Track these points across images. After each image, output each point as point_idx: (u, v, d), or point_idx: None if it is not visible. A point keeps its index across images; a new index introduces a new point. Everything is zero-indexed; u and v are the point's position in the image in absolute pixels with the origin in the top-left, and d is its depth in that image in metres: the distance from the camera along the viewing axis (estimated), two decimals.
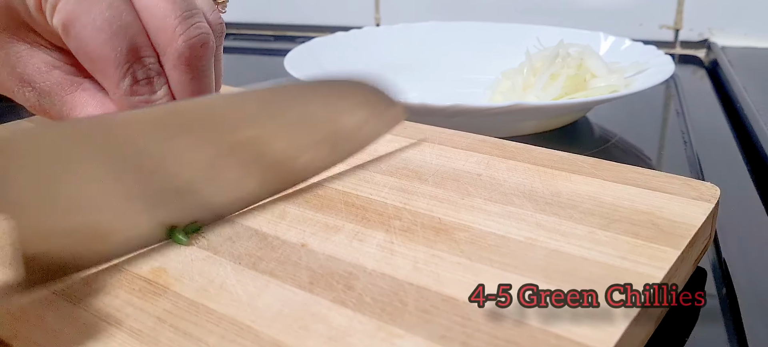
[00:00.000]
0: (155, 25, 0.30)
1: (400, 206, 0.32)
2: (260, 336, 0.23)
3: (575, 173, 0.34)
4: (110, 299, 0.26)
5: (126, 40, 0.29)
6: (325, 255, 0.28)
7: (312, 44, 0.67)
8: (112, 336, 0.24)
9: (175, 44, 0.30)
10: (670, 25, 0.81)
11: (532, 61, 0.57)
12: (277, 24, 0.98)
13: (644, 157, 0.52)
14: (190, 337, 0.23)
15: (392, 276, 0.26)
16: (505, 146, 0.38)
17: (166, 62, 0.31)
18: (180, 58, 0.30)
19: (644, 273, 0.25)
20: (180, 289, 0.26)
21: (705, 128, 0.55)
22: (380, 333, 0.23)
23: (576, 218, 0.30)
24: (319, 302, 0.25)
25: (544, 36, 0.64)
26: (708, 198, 0.31)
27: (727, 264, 0.34)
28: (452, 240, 0.29)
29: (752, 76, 0.65)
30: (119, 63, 0.29)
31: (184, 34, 0.30)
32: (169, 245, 0.29)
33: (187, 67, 0.30)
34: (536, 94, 0.55)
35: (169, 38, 0.30)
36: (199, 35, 0.30)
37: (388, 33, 0.74)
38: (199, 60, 0.31)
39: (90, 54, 0.30)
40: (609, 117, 0.58)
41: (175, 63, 0.30)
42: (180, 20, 0.30)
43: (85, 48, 0.29)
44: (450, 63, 0.70)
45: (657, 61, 0.57)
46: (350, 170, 0.36)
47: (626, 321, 0.23)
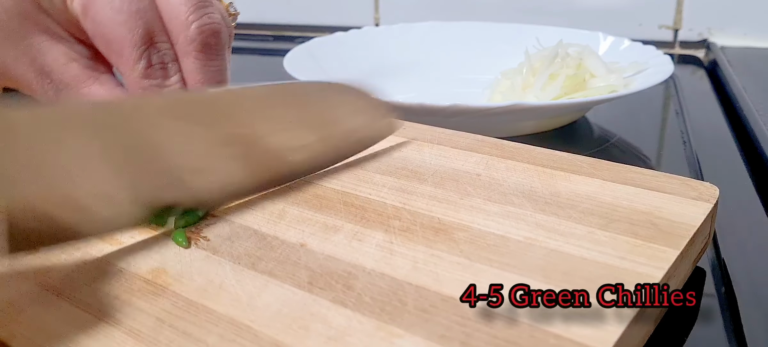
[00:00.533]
0: (170, 12, 0.31)
1: (400, 206, 0.32)
2: (259, 336, 0.23)
3: (574, 173, 0.34)
4: (109, 299, 0.26)
5: (142, 23, 0.30)
6: (324, 255, 0.28)
7: (311, 44, 0.67)
8: (111, 336, 0.24)
9: (188, 30, 0.31)
10: (669, 25, 0.82)
11: (531, 62, 0.57)
12: (276, 24, 0.98)
13: (643, 157, 0.52)
14: (190, 337, 0.23)
15: (391, 276, 0.26)
16: (504, 146, 0.38)
17: (179, 49, 0.31)
18: (192, 43, 0.31)
19: (643, 272, 0.25)
20: (179, 289, 0.26)
21: (704, 128, 0.56)
22: (379, 333, 0.23)
23: (575, 218, 0.30)
24: (318, 302, 0.25)
25: (544, 36, 0.64)
26: (707, 198, 0.31)
27: (726, 263, 0.34)
28: (451, 240, 0.29)
29: (751, 76, 0.65)
30: (135, 45, 0.30)
31: (197, 21, 0.31)
32: (169, 245, 0.29)
33: (199, 53, 0.31)
34: (535, 94, 0.55)
35: (182, 24, 0.31)
36: (211, 24, 0.31)
37: (387, 33, 0.74)
38: (210, 48, 0.32)
39: (107, 36, 0.31)
40: (608, 117, 0.58)
41: (186, 49, 0.31)
42: (194, 9, 0.31)
43: (103, 29, 0.30)
44: (449, 63, 0.70)
45: (656, 61, 0.58)
46: (349, 170, 0.36)
47: (625, 320, 0.23)
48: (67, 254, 0.29)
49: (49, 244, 0.28)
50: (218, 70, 0.32)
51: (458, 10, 0.88)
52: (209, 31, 0.31)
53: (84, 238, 0.29)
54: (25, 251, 0.27)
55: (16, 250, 0.27)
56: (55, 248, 0.28)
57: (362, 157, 0.37)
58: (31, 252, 0.28)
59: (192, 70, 0.32)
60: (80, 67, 0.33)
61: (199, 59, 0.31)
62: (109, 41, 0.31)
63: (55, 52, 0.32)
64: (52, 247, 0.28)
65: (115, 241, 0.30)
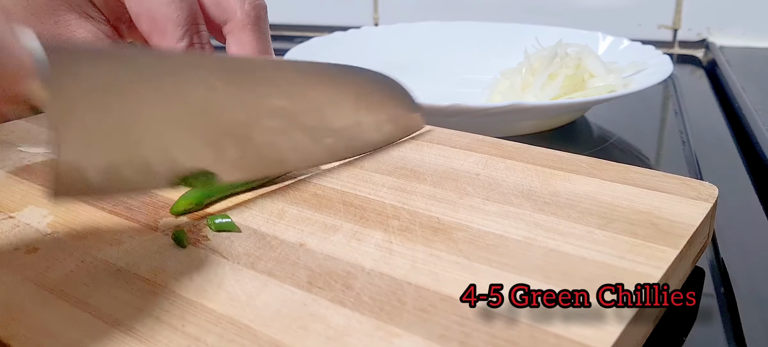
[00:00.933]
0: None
1: (399, 205, 0.32)
2: (259, 336, 0.23)
3: (574, 172, 0.34)
4: (109, 299, 0.26)
5: (187, 5, 0.34)
6: (323, 255, 0.28)
7: (310, 44, 0.67)
8: (110, 335, 0.24)
9: (245, 7, 0.35)
10: (668, 25, 0.82)
11: (530, 62, 0.58)
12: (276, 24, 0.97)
13: (643, 157, 0.52)
14: (189, 337, 0.23)
15: (390, 276, 0.26)
16: (503, 145, 0.38)
17: (234, 26, 0.35)
18: (248, 17, 0.35)
19: (642, 272, 0.25)
20: (178, 288, 0.26)
21: (703, 128, 0.56)
22: (379, 333, 0.23)
23: (574, 217, 0.30)
24: (317, 301, 0.25)
25: (543, 35, 0.64)
26: (706, 198, 0.31)
27: (725, 263, 0.34)
28: (450, 240, 0.29)
29: (750, 76, 0.65)
30: (180, 23, 0.34)
31: (251, 1, 0.35)
32: (168, 245, 0.29)
33: (255, 26, 0.35)
34: (535, 94, 0.55)
35: (238, 2, 0.35)
36: (262, 2, 0.36)
37: (386, 33, 0.74)
38: (264, 22, 0.36)
39: (153, 13, 0.33)
40: (608, 117, 0.58)
41: (244, 24, 0.35)
42: None
43: (149, 5, 0.33)
44: (448, 63, 0.70)
45: (655, 61, 0.58)
46: (348, 170, 0.36)
47: (624, 320, 0.23)
48: (66, 253, 0.29)
49: (95, 194, 0.29)
50: (269, 40, 0.37)
51: (457, 10, 0.88)
52: (262, 6, 0.36)
53: (129, 193, 0.30)
54: (69, 197, 0.27)
55: (61, 195, 0.26)
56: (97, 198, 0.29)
57: (362, 156, 0.37)
58: (75, 199, 0.29)
59: (249, 42, 0.35)
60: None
61: (255, 31, 0.36)
62: (154, 19, 0.34)
63: (84, 30, 0.34)
64: (93, 197, 0.29)
65: (114, 240, 0.30)
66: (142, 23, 0.34)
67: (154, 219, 0.32)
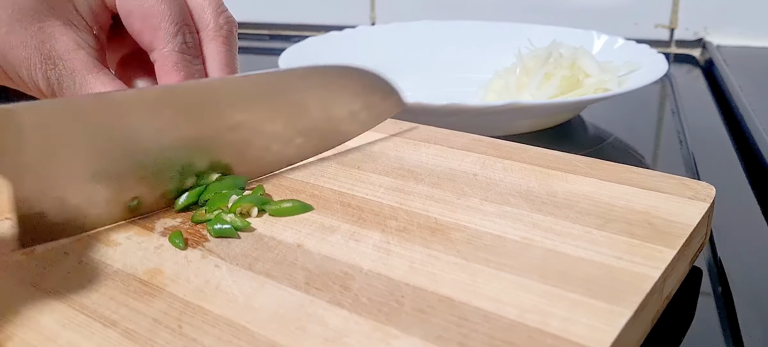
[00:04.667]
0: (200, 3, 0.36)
1: (396, 206, 0.32)
2: (256, 337, 0.23)
3: (571, 172, 0.34)
4: (105, 300, 0.26)
5: (178, 5, 0.35)
6: (321, 256, 0.28)
7: (306, 43, 0.67)
8: (107, 337, 0.24)
9: (219, 19, 0.36)
10: (665, 24, 0.82)
11: (523, 62, 0.58)
12: (272, 23, 0.98)
13: (640, 156, 0.52)
14: (186, 338, 0.23)
15: (388, 276, 0.26)
16: (500, 145, 0.38)
17: (206, 36, 0.36)
18: (221, 30, 0.36)
19: (640, 272, 0.25)
20: (176, 290, 0.26)
21: (700, 128, 0.56)
22: (376, 334, 0.23)
23: (572, 217, 0.30)
24: (315, 302, 0.25)
25: (538, 35, 0.64)
26: (703, 197, 0.31)
27: (722, 262, 0.34)
28: (448, 240, 0.29)
29: (747, 76, 0.65)
30: (174, 20, 0.34)
31: (225, 13, 0.36)
32: (165, 246, 0.29)
33: (226, 40, 0.36)
34: (531, 93, 0.55)
35: (213, 13, 0.36)
36: (233, 18, 0.37)
37: (382, 32, 0.74)
38: (234, 38, 0.37)
39: (146, 10, 0.34)
40: (604, 116, 0.58)
41: (215, 36, 0.36)
42: (220, 5, 0.37)
43: (142, 4, 0.34)
44: (444, 62, 0.70)
45: (650, 60, 0.58)
46: (346, 170, 0.36)
47: (622, 320, 0.23)
48: (63, 255, 0.29)
49: (57, 236, 0.30)
50: (236, 55, 0.37)
51: (453, 9, 0.88)
52: (234, 23, 0.37)
53: (89, 230, 0.31)
54: (35, 243, 0.29)
55: (26, 242, 0.29)
56: (63, 238, 0.30)
57: (360, 157, 0.37)
58: (41, 243, 0.30)
59: (218, 53, 0.36)
60: (87, 55, 0.34)
61: (226, 44, 0.36)
62: (147, 16, 0.34)
63: (67, 37, 0.34)
64: (60, 238, 0.30)
65: (111, 242, 0.30)
66: (134, 22, 0.35)
67: (151, 221, 0.32)
